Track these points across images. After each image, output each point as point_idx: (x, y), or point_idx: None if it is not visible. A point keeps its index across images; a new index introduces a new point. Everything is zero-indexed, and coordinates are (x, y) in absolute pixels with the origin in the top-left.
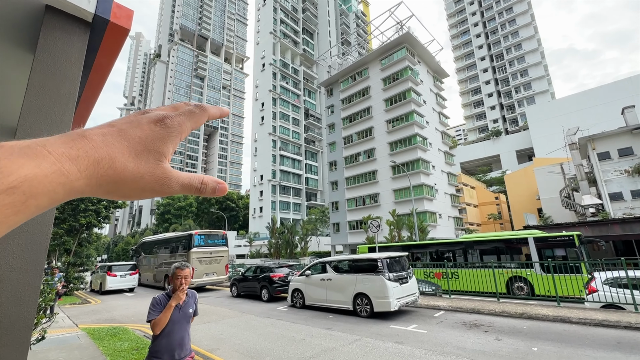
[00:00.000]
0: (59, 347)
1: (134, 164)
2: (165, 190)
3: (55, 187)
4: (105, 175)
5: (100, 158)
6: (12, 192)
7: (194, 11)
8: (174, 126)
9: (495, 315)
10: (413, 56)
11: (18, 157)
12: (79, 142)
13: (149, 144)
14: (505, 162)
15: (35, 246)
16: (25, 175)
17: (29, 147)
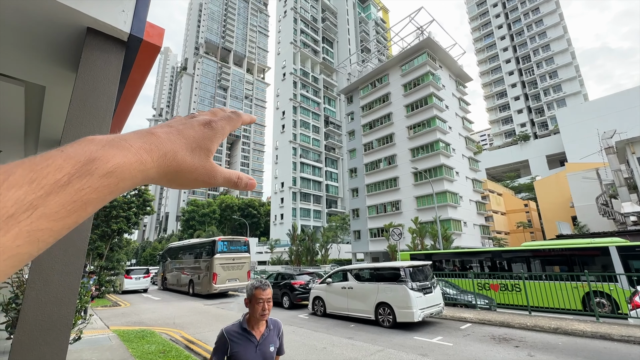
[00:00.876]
0: (91, 347)
1: (191, 158)
2: (212, 181)
3: (137, 173)
4: (170, 165)
5: (167, 151)
6: (110, 175)
7: (218, 25)
8: (218, 129)
9: (527, 329)
10: (434, 61)
11: (110, 147)
12: (150, 137)
13: (200, 142)
14: (535, 167)
15: (75, 251)
16: (118, 163)
17: (114, 140)
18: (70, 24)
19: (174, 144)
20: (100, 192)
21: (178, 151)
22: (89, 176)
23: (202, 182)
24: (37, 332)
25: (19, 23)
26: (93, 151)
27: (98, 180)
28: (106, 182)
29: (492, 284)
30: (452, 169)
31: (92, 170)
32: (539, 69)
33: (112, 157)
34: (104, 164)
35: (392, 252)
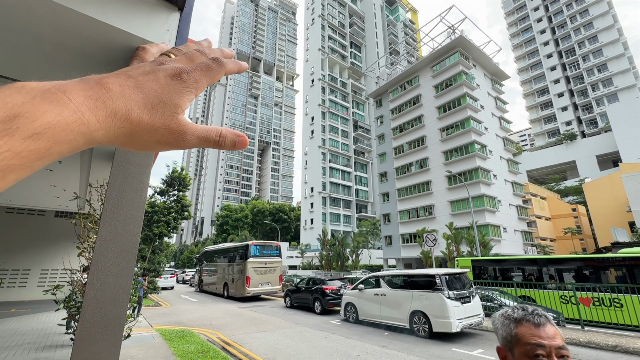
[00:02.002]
0: (137, 345)
1: (149, 116)
2: (181, 143)
3: (77, 136)
4: (121, 126)
5: (117, 109)
6: (38, 138)
7: (248, 36)
8: (190, 81)
9: (580, 345)
10: (467, 60)
11: (41, 101)
12: (97, 90)
13: (164, 96)
14: (583, 168)
15: (127, 254)
16: (49, 122)
17: (49, 91)
18: (122, 44)
19: (128, 100)
20: (24, 158)
21: (132, 109)
22: (8, 137)
23: (167, 144)
24: (95, 329)
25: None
26: (17, 104)
27: (21, 142)
28: (33, 146)
29: (582, 298)
30: (489, 171)
31: (12, 129)
32: (585, 62)
33: (42, 115)
34: (29, 122)
35: (425, 258)
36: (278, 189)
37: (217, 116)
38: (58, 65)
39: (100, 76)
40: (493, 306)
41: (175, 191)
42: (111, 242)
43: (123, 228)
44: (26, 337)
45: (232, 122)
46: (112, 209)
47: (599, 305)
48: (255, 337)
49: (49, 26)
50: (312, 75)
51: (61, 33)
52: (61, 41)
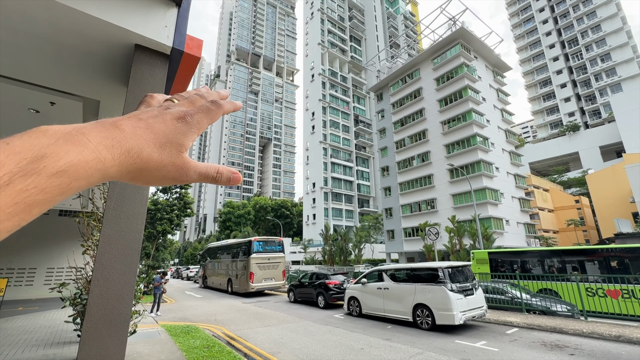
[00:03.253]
0: (143, 340)
1: (158, 154)
2: (184, 178)
3: (94, 172)
4: (133, 163)
5: (131, 148)
6: (61, 175)
7: (247, 32)
8: (193, 123)
9: (583, 336)
10: (469, 52)
11: (64, 143)
12: (113, 131)
13: (171, 137)
14: (587, 160)
15: (131, 251)
16: (71, 161)
17: (71, 133)
18: (121, 42)
19: (140, 140)
20: (48, 193)
21: (144, 147)
22: (36, 175)
23: (172, 179)
24: (101, 325)
25: (78, 44)
26: (43, 146)
27: (46, 180)
28: (56, 182)
29: (609, 290)
30: (491, 164)
31: (39, 169)
32: (588, 52)
33: (65, 154)
34: (54, 161)
35: (428, 252)
36: (280, 185)
37: None
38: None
39: (114, 119)
40: (505, 299)
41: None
42: (115, 240)
43: (126, 225)
44: (34, 334)
45: (232, 118)
46: (115, 207)
47: (629, 298)
48: (259, 332)
49: (48, 25)
50: (312, 70)
51: (60, 31)
52: (60, 40)
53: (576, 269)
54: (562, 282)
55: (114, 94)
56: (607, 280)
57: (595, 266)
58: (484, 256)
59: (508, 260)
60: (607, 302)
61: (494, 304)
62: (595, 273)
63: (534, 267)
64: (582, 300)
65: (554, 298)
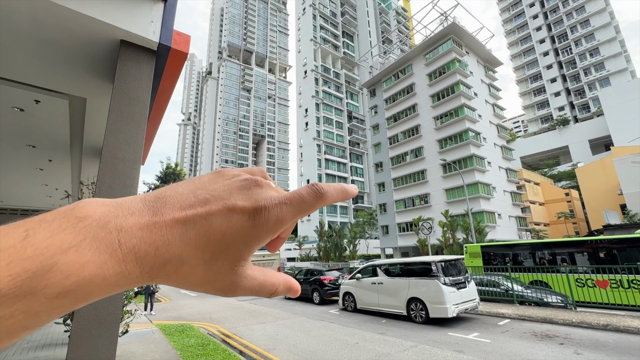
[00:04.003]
0: (137, 340)
1: (203, 271)
2: (230, 294)
3: (111, 289)
4: (168, 278)
5: (169, 259)
6: (65, 296)
7: (239, 28)
8: (269, 224)
9: (572, 325)
10: (460, 47)
11: (88, 246)
12: (156, 231)
13: (230, 245)
14: (576, 153)
15: None
16: (84, 278)
17: (107, 228)
18: (106, 37)
19: (185, 248)
20: (40, 319)
21: (186, 260)
22: (30, 297)
23: (214, 293)
24: (90, 326)
25: (61, 40)
26: (60, 250)
27: (43, 303)
28: (55, 305)
29: (599, 280)
30: (483, 159)
31: (38, 287)
32: (577, 47)
33: (79, 269)
34: (61, 279)
35: (422, 246)
36: (274, 182)
37: (210, 110)
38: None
39: (176, 196)
40: (499, 291)
41: None
42: None
43: None
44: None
45: (225, 115)
46: None
47: (617, 288)
48: (255, 329)
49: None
50: (304, 66)
51: (41, 27)
52: (42, 36)
53: (566, 260)
54: (553, 274)
55: (100, 91)
56: (596, 271)
57: (585, 257)
58: (477, 250)
59: (500, 253)
60: (596, 292)
61: (487, 296)
62: (584, 264)
63: (525, 260)
64: (572, 290)
65: (545, 289)
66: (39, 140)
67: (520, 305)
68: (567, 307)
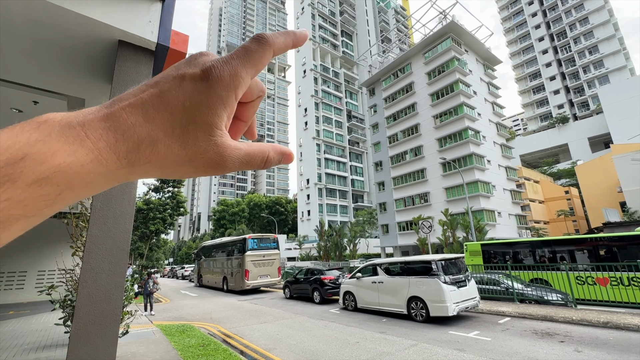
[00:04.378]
0: (137, 341)
1: (179, 146)
2: (221, 170)
3: (93, 177)
4: (148, 161)
5: (140, 141)
6: (44, 182)
7: (238, 28)
8: (224, 80)
9: (573, 323)
10: (459, 46)
11: (56, 139)
12: (119, 118)
13: (194, 113)
14: (576, 151)
15: (119, 251)
16: (59, 165)
17: (70, 124)
18: (103, 38)
19: (152, 125)
20: (29, 206)
21: (158, 137)
22: (10, 184)
23: (206, 172)
24: (90, 326)
25: (59, 41)
26: (28, 143)
27: (24, 189)
28: (39, 192)
29: (599, 278)
30: (482, 157)
31: (14, 175)
32: (576, 44)
33: (51, 156)
34: (35, 165)
35: (422, 245)
36: (274, 182)
37: None
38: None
39: (128, 93)
40: (499, 290)
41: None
42: (102, 240)
43: (114, 225)
44: (25, 337)
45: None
46: (101, 207)
47: (617, 285)
48: (255, 329)
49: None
50: (303, 65)
51: (39, 28)
52: (39, 36)
53: (566, 258)
54: (553, 272)
55: (99, 91)
56: (596, 269)
57: (585, 255)
58: (477, 248)
59: (500, 251)
60: (596, 289)
61: (487, 294)
62: (584, 262)
63: (525, 258)
64: (572, 288)
65: (546, 287)
66: None
67: (520, 303)
68: (567, 305)
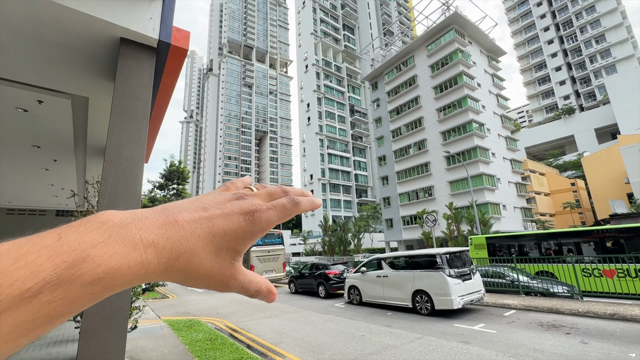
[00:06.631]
0: (146, 336)
1: (211, 262)
2: (226, 289)
3: (133, 279)
4: (180, 270)
5: (183, 252)
6: (96, 283)
7: (239, 23)
8: (261, 224)
9: (579, 315)
10: (463, 37)
11: (114, 242)
12: (170, 229)
13: (231, 242)
14: (582, 142)
15: None
16: (111, 267)
17: (128, 227)
18: (105, 35)
19: (196, 242)
20: (77, 304)
21: (197, 252)
22: (69, 284)
23: (214, 287)
24: (99, 322)
25: (61, 40)
26: (91, 245)
27: (78, 289)
28: (89, 291)
29: (605, 270)
30: (487, 150)
31: (74, 276)
32: (583, 34)
33: (108, 259)
34: (93, 267)
35: (426, 239)
36: (277, 177)
37: (212, 107)
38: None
39: (178, 206)
40: (505, 282)
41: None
42: None
43: None
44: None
45: (227, 112)
46: (108, 205)
47: (624, 277)
48: (261, 323)
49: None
50: (305, 60)
51: (41, 27)
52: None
53: (572, 250)
54: (559, 264)
55: (102, 90)
56: (603, 261)
57: (591, 247)
58: (482, 241)
59: (505, 244)
60: (603, 281)
61: (492, 287)
62: (591, 254)
63: (531, 251)
64: (578, 280)
65: (551, 280)
66: (44, 140)
67: (526, 296)
68: (573, 297)
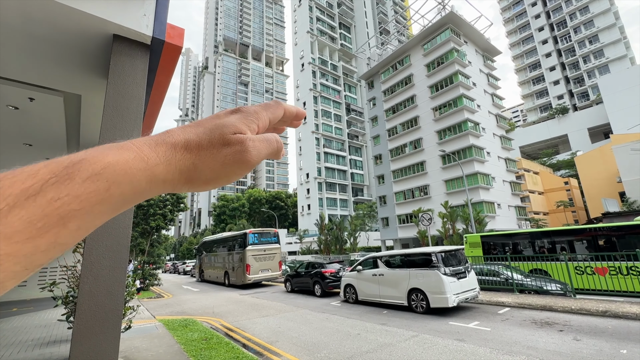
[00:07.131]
0: (140, 335)
1: (208, 137)
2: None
3: (136, 173)
4: (182, 158)
5: (177, 142)
6: (96, 178)
7: (234, 21)
8: (249, 111)
9: (572, 312)
10: (459, 37)
11: (107, 149)
12: (161, 135)
13: (224, 125)
14: (575, 142)
15: (119, 247)
16: (108, 162)
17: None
18: (98, 32)
19: (187, 133)
20: (84, 201)
21: (190, 138)
22: (69, 181)
23: (233, 163)
24: (92, 322)
25: (53, 36)
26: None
27: (80, 185)
28: (92, 188)
29: (598, 268)
30: (482, 149)
31: (72, 173)
32: (576, 34)
33: (103, 157)
34: (89, 165)
35: (422, 237)
36: (274, 176)
37: (207, 105)
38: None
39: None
40: (499, 280)
41: None
42: (102, 236)
43: (113, 222)
44: (29, 334)
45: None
46: None
47: (616, 275)
48: (257, 322)
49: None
50: (301, 59)
51: (34, 23)
52: (35, 32)
53: (565, 248)
54: (552, 262)
55: (95, 87)
56: (595, 259)
57: (584, 245)
58: (477, 240)
59: (500, 242)
60: (595, 279)
61: (487, 285)
62: (583, 252)
63: (525, 249)
64: (571, 278)
65: (545, 277)
66: (35, 138)
67: (520, 293)
68: (566, 295)
